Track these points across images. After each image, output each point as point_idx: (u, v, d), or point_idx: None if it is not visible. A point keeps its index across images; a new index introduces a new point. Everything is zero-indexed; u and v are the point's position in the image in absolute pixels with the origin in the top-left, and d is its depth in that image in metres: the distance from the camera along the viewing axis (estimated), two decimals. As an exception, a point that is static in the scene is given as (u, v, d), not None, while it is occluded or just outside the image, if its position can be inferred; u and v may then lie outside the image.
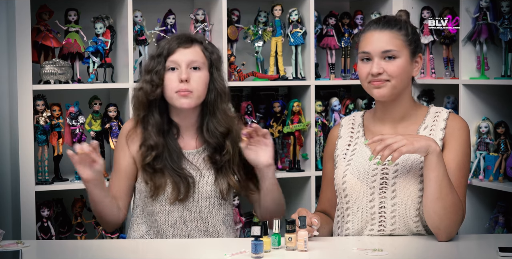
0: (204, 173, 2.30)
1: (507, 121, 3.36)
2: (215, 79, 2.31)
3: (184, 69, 2.25)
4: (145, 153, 2.27)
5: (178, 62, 2.25)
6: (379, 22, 2.19)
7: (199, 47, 2.30)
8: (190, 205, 2.28)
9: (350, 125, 2.32)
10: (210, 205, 2.29)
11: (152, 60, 2.29)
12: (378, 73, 2.13)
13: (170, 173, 2.25)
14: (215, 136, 2.29)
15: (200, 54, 2.29)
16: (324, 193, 2.36)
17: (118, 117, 3.37)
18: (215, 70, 2.31)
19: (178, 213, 2.27)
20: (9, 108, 3.41)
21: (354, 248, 2.03)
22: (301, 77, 3.63)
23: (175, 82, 2.24)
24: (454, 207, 2.06)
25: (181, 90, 2.23)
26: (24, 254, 1.99)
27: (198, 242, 2.20)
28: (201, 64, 2.28)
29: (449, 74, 3.61)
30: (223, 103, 2.31)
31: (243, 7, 3.66)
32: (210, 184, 2.29)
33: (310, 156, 3.61)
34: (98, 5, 3.53)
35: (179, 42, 2.28)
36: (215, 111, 2.30)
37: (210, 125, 2.30)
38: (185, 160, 2.30)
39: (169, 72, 2.26)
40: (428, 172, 2.05)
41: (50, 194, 3.36)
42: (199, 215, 2.28)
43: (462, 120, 2.22)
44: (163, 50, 2.27)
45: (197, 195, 2.28)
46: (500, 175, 3.29)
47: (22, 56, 3.15)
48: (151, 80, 2.26)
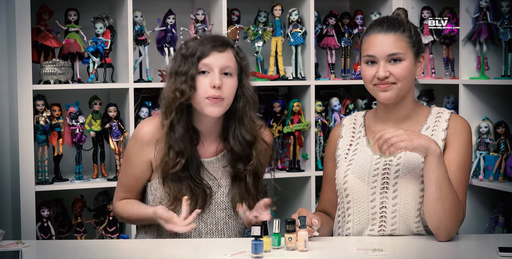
0: (221, 183, 2.21)
1: (507, 121, 3.36)
2: (244, 86, 2.20)
3: (217, 74, 2.13)
4: (174, 160, 2.14)
5: (211, 66, 2.14)
6: (383, 24, 2.17)
7: (232, 51, 2.19)
8: (206, 217, 2.21)
9: (351, 125, 2.32)
10: (226, 216, 2.22)
11: (184, 60, 2.16)
12: (385, 77, 2.13)
13: (190, 184, 2.16)
14: (242, 144, 2.19)
15: (233, 60, 2.18)
16: (324, 193, 2.36)
17: (118, 117, 3.37)
18: (244, 77, 2.21)
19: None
20: (9, 108, 3.41)
21: (354, 248, 2.03)
22: (301, 77, 3.63)
23: (207, 87, 2.12)
24: (454, 208, 2.06)
25: (212, 97, 2.12)
26: (24, 254, 1.99)
27: (198, 242, 2.19)
28: (233, 70, 2.17)
29: (449, 74, 3.61)
30: (252, 110, 2.21)
31: (243, 7, 3.66)
32: (227, 194, 2.22)
33: (310, 156, 3.61)
34: (98, 5, 3.53)
35: (214, 45, 2.16)
36: (243, 118, 2.19)
37: (237, 132, 2.19)
38: (203, 169, 2.20)
39: (201, 76, 2.14)
40: (428, 173, 2.05)
41: (50, 194, 3.36)
42: (215, 227, 2.22)
43: (464, 121, 2.22)
44: (196, 51, 2.15)
45: (214, 206, 2.21)
46: (500, 175, 3.29)
47: (22, 56, 3.15)
48: (186, 82, 2.13)
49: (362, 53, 2.19)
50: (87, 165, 3.39)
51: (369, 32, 2.19)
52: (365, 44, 2.19)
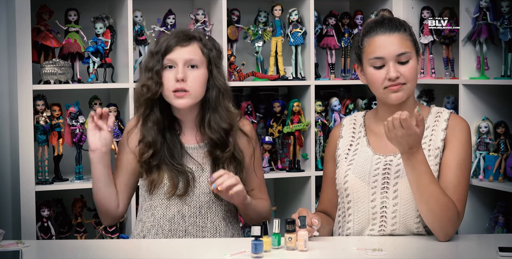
0: (205, 168, 2.29)
1: (507, 121, 3.36)
2: (215, 77, 2.29)
3: (181, 68, 2.24)
4: (142, 149, 2.28)
5: (175, 61, 2.24)
6: (384, 25, 2.16)
7: (197, 44, 2.28)
8: (190, 200, 2.27)
9: (351, 125, 2.32)
10: (210, 200, 2.28)
11: (151, 57, 2.28)
12: (396, 77, 2.12)
13: (168, 168, 2.25)
14: (218, 132, 2.28)
15: (198, 52, 2.27)
16: (324, 193, 2.36)
17: (118, 117, 3.37)
18: (214, 68, 2.29)
19: (176, 208, 2.27)
20: (9, 108, 3.41)
21: (354, 248, 2.03)
22: (301, 77, 3.63)
23: (172, 81, 2.23)
24: (441, 209, 2.04)
25: (177, 89, 2.22)
26: (24, 254, 1.99)
27: (198, 242, 2.20)
28: (199, 62, 2.26)
29: (449, 74, 3.61)
30: (225, 100, 2.30)
31: (243, 7, 3.66)
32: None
33: (310, 156, 3.61)
34: (98, 5, 3.53)
35: (177, 40, 2.26)
36: (217, 107, 2.28)
37: (212, 121, 2.28)
38: (187, 155, 2.29)
39: (167, 71, 2.25)
40: (407, 175, 2.06)
41: (50, 194, 3.36)
42: (199, 211, 2.27)
43: (463, 120, 2.21)
44: (161, 48, 2.26)
45: (198, 190, 2.27)
46: (500, 175, 3.29)
47: (22, 56, 3.15)
48: (152, 78, 2.25)
49: (367, 56, 2.16)
50: (87, 165, 3.37)
51: (371, 34, 2.17)
52: (369, 47, 2.16)
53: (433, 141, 2.17)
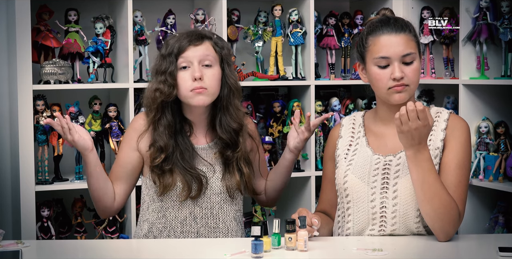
0: (216, 168, 2.29)
1: (507, 121, 3.36)
2: (227, 75, 2.29)
3: (196, 66, 2.22)
4: (154, 154, 2.25)
5: (190, 60, 2.23)
6: (390, 25, 2.16)
7: (209, 43, 2.28)
8: (202, 201, 2.27)
9: (351, 125, 2.32)
10: (221, 200, 2.28)
11: (163, 59, 2.25)
12: (401, 77, 2.12)
13: (182, 172, 2.23)
14: (229, 132, 2.28)
15: (211, 50, 2.26)
16: (324, 193, 2.36)
17: (118, 117, 3.37)
18: (226, 66, 2.29)
19: (188, 210, 2.26)
20: (9, 108, 3.41)
21: (354, 248, 2.03)
22: (301, 77, 3.63)
23: (189, 81, 2.22)
24: (444, 209, 2.04)
25: (195, 88, 2.21)
26: (24, 254, 1.99)
27: (198, 242, 2.20)
28: (213, 60, 2.25)
29: (449, 74, 3.61)
30: (236, 98, 2.30)
31: (243, 7, 3.66)
32: (221, 179, 2.29)
33: (310, 156, 3.61)
34: (98, 5, 3.53)
35: (190, 40, 2.25)
36: (228, 106, 2.28)
37: (224, 121, 2.28)
38: (197, 156, 2.28)
39: (182, 71, 2.24)
40: (410, 174, 2.05)
41: (50, 194, 3.36)
42: (210, 212, 2.27)
43: (463, 120, 2.21)
44: (173, 49, 2.24)
45: (209, 191, 2.27)
46: (500, 175, 3.29)
47: (22, 56, 3.15)
48: (166, 81, 2.22)
49: (371, 55, 2.16)
50: (87, 165, 3.39)
51: (376, 33, 2.16)
52: (374, 46, 2.15)
53: (432, 141, 2.17)
